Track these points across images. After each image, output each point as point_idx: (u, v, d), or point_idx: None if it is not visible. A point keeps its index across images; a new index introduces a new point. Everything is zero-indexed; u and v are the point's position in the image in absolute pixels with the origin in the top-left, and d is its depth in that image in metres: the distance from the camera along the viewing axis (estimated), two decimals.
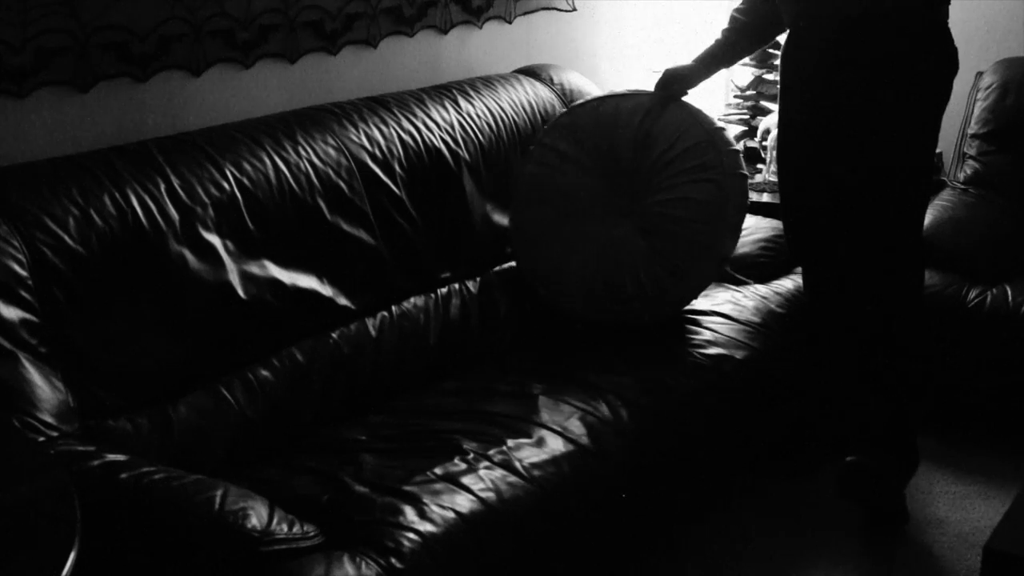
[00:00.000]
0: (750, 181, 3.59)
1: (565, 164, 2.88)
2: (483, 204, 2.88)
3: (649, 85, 2.97)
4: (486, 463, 2.14)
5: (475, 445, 2.20)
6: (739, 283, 2.98)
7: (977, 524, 2.78)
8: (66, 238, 2.11)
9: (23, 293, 2.03)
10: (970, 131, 3.59)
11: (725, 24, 2.92)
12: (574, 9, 3.57)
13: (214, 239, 2.31)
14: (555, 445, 2.23)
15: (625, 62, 3.80)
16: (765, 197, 3.58)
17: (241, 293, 2.32)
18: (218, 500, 1.81)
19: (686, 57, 2.98)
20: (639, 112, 2.87)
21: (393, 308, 2.62)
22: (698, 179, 2.77)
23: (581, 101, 3.01)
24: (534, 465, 2.16)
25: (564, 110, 3.03)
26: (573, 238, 2.82)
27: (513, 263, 2.92)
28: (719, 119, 3.95)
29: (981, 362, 3.09)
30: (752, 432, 2.75)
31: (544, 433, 2.27)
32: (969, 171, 3.54)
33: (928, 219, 3.31)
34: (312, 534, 1.85)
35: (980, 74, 3.63)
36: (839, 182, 2.62)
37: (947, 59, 2.58)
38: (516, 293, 2.88)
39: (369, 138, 2.67)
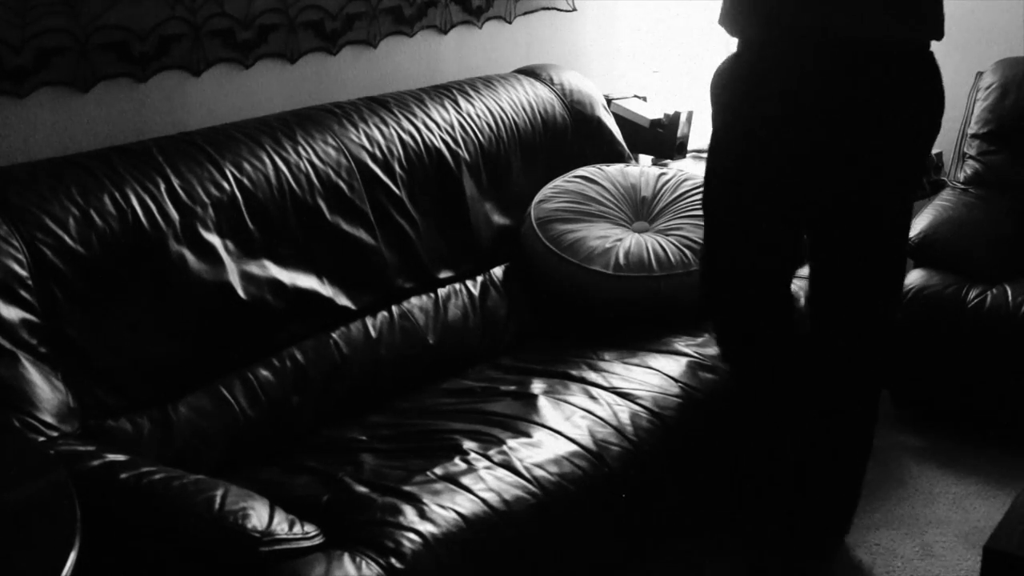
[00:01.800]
0: None
1: (589, 183, 2.99)
2: (483, 204, 2.88)
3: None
4: (486, 463, 2.14)
5: (475, 445, 2.20)
6: None
7: (977, 524, 2.78)
8: (66, 238, 2.11)
9: (23, 293, 2.03)
10: (970, 131, 3.58)
11: None
12: (574, 9, 3.56)
13: (214, 239, 2.31)
14: (555, 445, 2.23)
15: (625, 62, 3.79)
16: None
17: (241, 293, 2.32)
18: (218, 500, 1.81)
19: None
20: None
21: (393, 308, 2.62)
22: None
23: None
24: (535, 465, 2.16)
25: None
26: (594, 224, 2.88)
27: (512, 264, 2.92)
28: None
29: (981, 362, 3.09)
30: (752, 432, 2.74)
31: (544, 433, 2.27)
32: (969, 171, 3.54)
33: (928, 219, 3.32)
34: (312, 534, 1.84)
35: (980, 74, 3.63)
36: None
37: (938, 99, 2.27)
38: (516, 293, 2.88)
39: (369, 138, 2.67)
